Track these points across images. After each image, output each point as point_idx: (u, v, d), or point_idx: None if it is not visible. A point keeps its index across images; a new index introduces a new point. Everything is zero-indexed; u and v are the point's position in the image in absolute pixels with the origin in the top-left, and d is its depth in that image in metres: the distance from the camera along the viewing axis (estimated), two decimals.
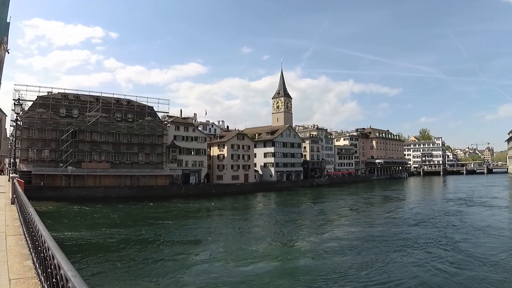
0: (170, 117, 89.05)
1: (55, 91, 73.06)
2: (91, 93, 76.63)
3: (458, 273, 23.27)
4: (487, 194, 79.71)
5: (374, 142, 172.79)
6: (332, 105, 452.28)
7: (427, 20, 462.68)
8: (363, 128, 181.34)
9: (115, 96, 78.60)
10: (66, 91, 74.17)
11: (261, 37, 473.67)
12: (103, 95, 76.60)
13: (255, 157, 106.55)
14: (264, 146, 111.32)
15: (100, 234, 35.48)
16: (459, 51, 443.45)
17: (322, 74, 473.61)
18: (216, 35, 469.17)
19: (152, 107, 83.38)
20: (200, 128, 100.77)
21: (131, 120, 78.73)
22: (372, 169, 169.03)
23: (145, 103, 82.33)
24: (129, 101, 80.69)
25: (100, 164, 73.02)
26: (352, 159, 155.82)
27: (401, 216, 52.46)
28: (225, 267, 25.16)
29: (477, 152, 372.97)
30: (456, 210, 55.32)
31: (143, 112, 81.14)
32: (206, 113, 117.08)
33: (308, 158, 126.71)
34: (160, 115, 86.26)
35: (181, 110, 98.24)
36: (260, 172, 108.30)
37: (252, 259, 27.26)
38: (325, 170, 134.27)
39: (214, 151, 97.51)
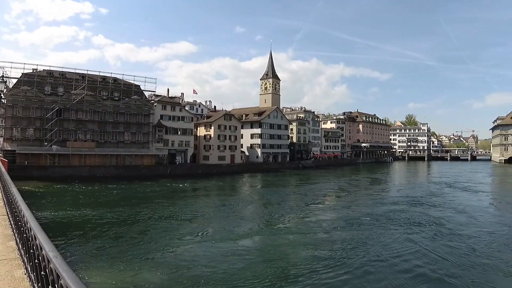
0: (157, 96, 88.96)
1: (40, 68, 72.79)
2: (77, 71, 76.27)
3: (442, 250, 24.61)
4: (471, 179, 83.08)
5: (360, 126, 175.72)
6: (322, 88, 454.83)
7: (421, 6, 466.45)
8: (350, 112, 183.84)
9: (101, 74, 78.42)
10: (52, 68, 73.98)
11: (255, 16, 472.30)
12: (89, 72, 76.35)
13: (242, 138, 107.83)
14: (251, 127, 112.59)
15: (85, 214, 35.56)
16: (450, 38, 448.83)
17: (313, 56, 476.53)
18: (209, 13, 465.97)
19: (139, 85, 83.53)
20: (187, 108, 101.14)
21: (117, 98, 78.76)
22: (358, 152, 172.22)
23: (132, 82, 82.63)
24: (115, 79, 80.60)
25: (86, 143, 73.26)
26: (338, 142, 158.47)
27: (388, 198, 54.48)
28: (211, 247, 25.29)
29: (462, 139, 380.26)
30: (441, 193, 57.88)
31: (129, 90, 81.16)
32: (195, 92, 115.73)
33: (294, 140, 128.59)
34: (147, 94, 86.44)
35: (168, 89, 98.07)
36: (247, 153, 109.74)
37: (239, 239, 27.61)
38: (311, 153, 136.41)
39: (201, 131, 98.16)
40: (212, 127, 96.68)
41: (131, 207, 40.04)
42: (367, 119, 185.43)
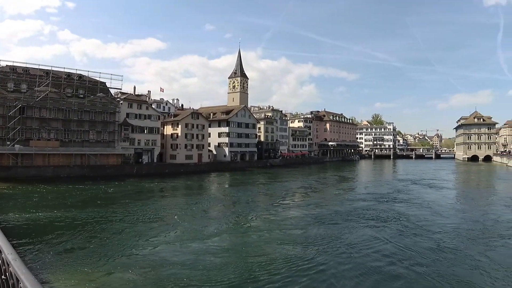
0: (123, 93, 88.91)
1: (3, 63, 71.58)
2: (41, 67, 75.40)
3: (409, 245, 26.38)
4: (435, 176, 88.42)
5: (328, 125, 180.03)
6: (291, 87, 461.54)
7: (390, 8, 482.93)
8: (318, 111, 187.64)
9: (66, 70, 77.64)
10: (15, 64, 72.58)
11: (225, 14, 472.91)
12: (53, 69, 75.83)
13: (210, 136, 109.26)
14: (219, 126, 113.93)
15: (50, 216, 35.25)
16: (417, 40, 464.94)
17: (282, 55, 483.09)
18: (178, 9, 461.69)
19: (105, 83, 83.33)
20: (154, 106, 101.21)
21: (82, 96, 78.41)
22: (325, 151, 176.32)
23: (98, 79, 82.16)
24: (80, 76, 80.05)
25: (49, 142, 72.55)
26: (306, 141, 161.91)
27: (355, 195, 57.24)
28: (180, 247, 25.66)
29: (426, 138, 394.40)
30: (407, 190, 61.56)
31: (95, 88, 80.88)
32: (162, 90, 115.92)
33: (262, 138, 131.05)
34: (113, 91, 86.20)
35: (134, 87, 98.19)
36: (214, 152, 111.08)
37: (208, 238, 28.06)
38: (279, 151, 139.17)
39: (168, 130, 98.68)
40: (179, 126, 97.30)
41: (98, 208, 40.12)
42: (334, 118, 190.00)
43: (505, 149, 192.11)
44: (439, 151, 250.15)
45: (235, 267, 21.40)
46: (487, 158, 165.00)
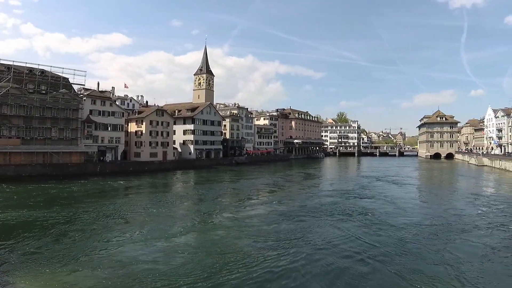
0: (86, 90, 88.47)
1: None
2: (2, 61, 74.46)
3: (374, 240, 27.91)
4: (399, 173, 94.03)
5: (293, 123, 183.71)
6: (257, 85, 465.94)
7: (357, 8, 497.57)
8: (283, 109, 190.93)
9: (28, 65, 76.58)
10: None
11: (192, 10, 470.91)
12: (15, 63, 74.54)
13: (174, 134, 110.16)
14: (184, 123, 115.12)
15: (11, 216, 34.79)
16: (383, 41, 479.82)
17: (249, 53, 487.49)
18: (145, 4, 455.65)
19: (68, 78, 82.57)
20: (118, 103, 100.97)
21: (44, 92, 77.75)
22: (291, 148, 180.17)
23: (60, 74, 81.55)
24: (42, 71, 79.42)
25: (10, 140, 71.78)
26: (271, 138, 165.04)
27: (321, 191, 59.51)
28: (146, 246, 25.89)
29: (390, 136, 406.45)
30: (371, 186, 65.06)
31: (57, 83, 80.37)
32: (126, 87, 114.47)
33: (228, 136, 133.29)
34: (76, 87, 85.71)
35: (98, 83, 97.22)
36: (179, 150, 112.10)
37: (174, 237, 28.38)
38: (245, 149, 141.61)
39: (132, 127, 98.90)
40: (144, 123, 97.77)
41: (62, 208, 40.07)
42: (300, 116, 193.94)
43: (466, 147, 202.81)
44: (403, 149, 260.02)
45: (201, 265, 21.89)
46: (449, 156, 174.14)
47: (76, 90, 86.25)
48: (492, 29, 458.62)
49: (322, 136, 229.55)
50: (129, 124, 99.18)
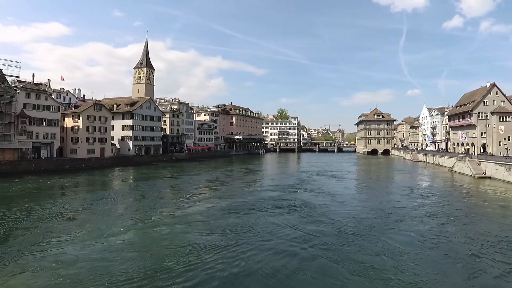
0: (20, 82, 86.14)
1: None
2: None
3: (315, 232, 29.77)
4: (337, 168, 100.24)
5: (234, 119, 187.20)
6: (199, 80, 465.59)
7: (300, 7, 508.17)
8: (224, 105, 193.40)
9: None
10: None
11: (135, 1, 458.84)
12: None
13: (113, 129, 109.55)
14: (123, 118, 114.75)
15: None
16: (324, 40, 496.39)
17: (192, 47, 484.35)
18: None
19: (1, 69, 79.82)
20: (53, 96, 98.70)
21: None
22: (231, 144, 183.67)
23: None
24: None
25: None
26: (212, 134, 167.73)
27: (262, 186, 61.96)
28: (83, 245, 25.75)
29: (329, 132, 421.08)
30: (311, 180, 68.96)
31: None
32: (62, 79, 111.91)
33: (168, 132, 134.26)
34: (9, 79, 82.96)
35: (33, 75, 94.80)
36: (118, 146, 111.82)
37: (114, 235, 28.35)
38: (185, 145, 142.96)
39: (68, 122, 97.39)
40: (81, 118, 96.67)
41: None
42: (241, 112, 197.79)
43: (402, 143, 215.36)
44: (342, 145, 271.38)
45: (144, 262, 22.25)
46: (386, 152, 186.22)
47: (9, 82, 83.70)
48: (430, 33, 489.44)
49: (263, 132, 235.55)
50: (65, 119, 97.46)
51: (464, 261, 23.00)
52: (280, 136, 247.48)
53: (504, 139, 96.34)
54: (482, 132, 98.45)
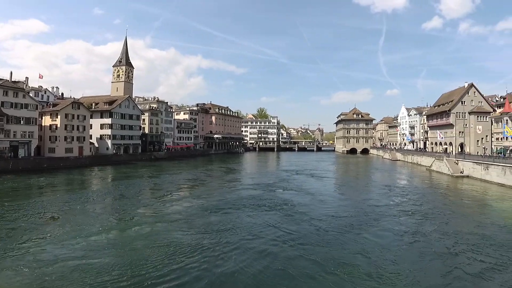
0: None
1: None
2: None
3: (295, 230, 30.39)
4: (317, 167, 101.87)
5: (213, 118, 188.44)
6: (178, 78, 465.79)
7: (280, 6, 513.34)
8: (204, 104, 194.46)
9: None
10: None
11: None
12: None
13: (91, 128, 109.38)
14: (101, 117, 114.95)
15: None
16: (304, 40, 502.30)
17: (172, 46, 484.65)
18: None
19: None
20: (31, 94, 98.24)
21: None
22: (211, 143, 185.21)
23: None
24: None
25: None
26: (191, 133, 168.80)
27: (242, 185, 62.52)
28: (63, 245, 25.55)
29: (309, 131, 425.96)
30: (291, 179, 70.22)
31: None
32: (40, 77, 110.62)
33: (147, 131, 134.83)
34: None
35: (11, 73, 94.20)
36: (96, 145, 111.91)
37: (93, 235, 28.22)
38: (164, 144, 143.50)
39: (46, 120, 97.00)
40: (59, 116, 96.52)
41: None
42: (220, 111, 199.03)
43: (381, 142, 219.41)
44: (321, 144, 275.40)
45: (124, 260, 22.32)
46: (365, 151, 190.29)
47: None
48: (409, 34, 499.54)
49: (242, 131, 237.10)
50: (43, 117, 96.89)
51: (441, 258, 23.70)
52: (260, 135, 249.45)
53: (482, 138, 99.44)
54: (460, 132, 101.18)
